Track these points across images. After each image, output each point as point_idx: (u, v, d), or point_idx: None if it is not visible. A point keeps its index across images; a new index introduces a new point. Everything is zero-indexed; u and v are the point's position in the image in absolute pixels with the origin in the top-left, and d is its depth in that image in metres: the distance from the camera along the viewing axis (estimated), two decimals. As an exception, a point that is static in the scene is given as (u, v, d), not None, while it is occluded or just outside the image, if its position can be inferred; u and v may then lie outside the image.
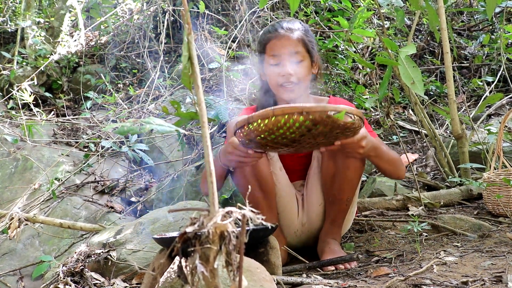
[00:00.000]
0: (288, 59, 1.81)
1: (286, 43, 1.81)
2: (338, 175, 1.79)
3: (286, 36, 1.82)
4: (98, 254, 2.02)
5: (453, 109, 2.51)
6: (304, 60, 1.82)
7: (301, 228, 1.92)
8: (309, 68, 1.86)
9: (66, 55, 5.18)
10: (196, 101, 0.74)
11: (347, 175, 1.79)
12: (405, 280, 1.48)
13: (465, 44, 4.32)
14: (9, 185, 3.38)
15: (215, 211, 0.71)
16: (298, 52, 1.81)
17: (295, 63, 1.81)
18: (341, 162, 1.76)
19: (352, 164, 1.77)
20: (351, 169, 1.78)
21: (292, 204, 1.91)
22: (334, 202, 1.84)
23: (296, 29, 1.85)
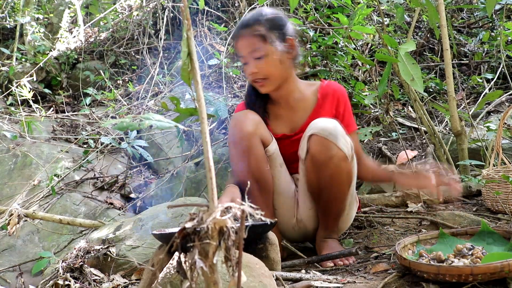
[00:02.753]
0: (250, 58, 1.80)
1: (245, 43, 1.80)
2: (324, 192, 1.77)
3: (244, 35, 1.80)
4: (97, 250, 2.02)
5: (453, 106, 2.51)
6: (266, 54, 1.77)
7: (298, 224, 1.92)
8: (276, 59, 1.79)
9: (65, 52, 5.17)
10: (196, 97, 0.75)
11: (332, 191, 1.76)
12: (403, 277, 1.48)
13: (464, 41, 4.32)
14: (9, 181, 3.39)
15: (214, 206, 0.71)
16: (257, 49, 1.77)
17: (257, 61, 1.79)
18: (325, 179, 1.73)
19: (336, 180, 1.74)
20: (336, 186, 1.75)
21: (290, 201, 1.91)
22: (324, 213, 1.83)
23: (254, 24, 1.79)
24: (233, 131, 1.79)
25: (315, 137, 1.69)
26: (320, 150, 1.68)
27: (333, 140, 1.67)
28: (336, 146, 1.68)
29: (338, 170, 1.72)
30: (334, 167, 1.70)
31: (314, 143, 1.70)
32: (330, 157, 1.68)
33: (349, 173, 1.76)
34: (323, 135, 1.67)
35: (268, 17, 1.80)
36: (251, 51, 1.79)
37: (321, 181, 1.74)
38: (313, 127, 1.71)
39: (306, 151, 1.73)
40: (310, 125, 1.74)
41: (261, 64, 1.79)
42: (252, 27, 1.78)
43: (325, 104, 1.92)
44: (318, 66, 3.66)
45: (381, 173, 2.03)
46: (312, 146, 1.70)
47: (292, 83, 1.92)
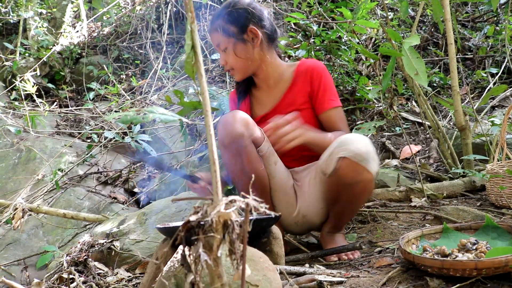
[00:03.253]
0: (219, 50, 1.92)
1: (212, 37, 1.92)
2: (343, 203, 1.77)
3: (211, 30, 1.91)
4: (101, 244, 2.03)
5: (457, 100, 2.50)
6: (228, 47, 1.87)
7: (301, 219, 1.90)
8: (239, 50, 1.86)
9: (68, 46, 5.17)
10: (200, 90, 0.74)
11: (351, 205, 1.78)
12: (407, 271, 1.48)
13: (469, 36, 4.30)
14: (13, 175, 3.40)
15: (219, 200, 0.70)
16: (220, 43, 1.88)
17: (223, 53, 1.90)
18: (348, 195, 1.73)
19: (358, 198, 1.75)
20: (356, 201, 1.77)
21: (290, 197, 1.88)
22: (337, 215, 1.83)
23: (217, 19, 1.88)
24: (223, 133, 1.72)
25: (347, 161, 1.64)
26: (350, 174, 1.65)
27: (365, 165, 1.63)
28: (366, 170, 1.65)
29: (363, 191, 1.72)
30: (360, 188, 1.70)
31: (345, 167, 1.65)
32: (359, 181, 1.67)
33: (371, 190, 1.77)
34: (356, 160, 1.63)
35: (229, 10, 1.87)
36: (216, 44, 1.91)
37: (343, 196, 1.74)
38: (345, 148, 1.64)
39: (333, 170, 1.68)
40: (340, 143, 1.67)
41: (227, 56, 1.89)
42: (215, 22, 1.88)
43: (299, 82, 1.92)
44: (322, 60, 3.65)
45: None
46: (342, 169, 1.65)
47: (269, 67, 1.94)
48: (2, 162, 3.55)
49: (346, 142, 1.66)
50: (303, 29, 4.30)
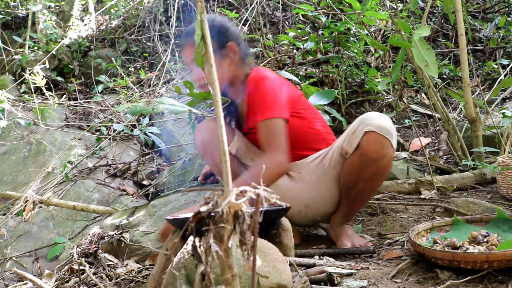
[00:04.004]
0: (192, 66, 1.89)
1: (187, 52, 1.88)
2: (362, 185, 1.76)
3: (185, 45, 1.88)
4: (111, 236, 2.04)
5: (467, 92, 2.48)
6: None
7: (305, 209, 1.88)
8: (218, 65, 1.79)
9: (77, 39, 5.19)
10: (209, 80, 0.74)
11: (370, 185, 1.77)
12: (417, 263, 1.48)
13: (480, 27, 4.25)
14: (23, 168, 3.42)
15: (229, 190, 0.70)
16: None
17: (198, 69, 1.85)
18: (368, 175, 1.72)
19: (379, 176, 1.74)
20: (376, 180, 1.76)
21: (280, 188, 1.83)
22: (351, 202, 1.83)
23: (192, 32, 1.84)
24: (195, 140, 2.00)
25: (373, 134, 1.65)
26: (375, 148, 1.66)
27: (390, 138, 1.66)
28: (391, 145, 1.67)
29: (384, 168, 1.72)
30: (383, 164, 1.70)
31: (371, 140, 1.66)
32: (383, 156, 1.67)
33: (389, 170, 1.77)
34: (382, 133, 1.64)
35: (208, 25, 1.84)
36: (192, 59, 1.82)
37: (363, 176, 1.73)
38: (369, 123, 1.66)
39: (358, 145, 1.69)
40: (363, 120, 1.69)
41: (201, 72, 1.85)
42: (192, 36, 1.83)
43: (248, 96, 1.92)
44: (330, 52, 3.63)
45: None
46: (368, 143, 1.66)
47: (240, 85, 1.94)
48: (12, 155, 3.58)
49: (369, 117, 1.69)
50: (312, 20, 4.27)
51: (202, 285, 0.72)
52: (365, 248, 1.69)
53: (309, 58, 3.66)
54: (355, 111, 3.53)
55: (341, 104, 3.35)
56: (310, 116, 1.95)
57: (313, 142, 1.93)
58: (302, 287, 1.24)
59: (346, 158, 1.75)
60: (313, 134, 1.93)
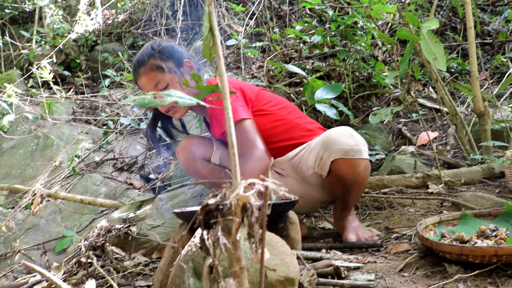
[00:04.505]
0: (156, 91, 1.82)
1: (145, 80, 1.84)
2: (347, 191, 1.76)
3: (143, 73, 1.84)
4: (118, 229, 2.05)
5: (476, 86, 2.46)
6: (169, 83, 1.83)
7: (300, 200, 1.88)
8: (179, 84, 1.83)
9: (83, 34, 5.19)
10: (218, 72, 0.74)
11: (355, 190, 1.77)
12: (425, 257, 1.47)
13: (488, 20, 4.21)
14: (31, 162, 3.44)
15: (237, 183, 0.70)
16: (160, 81, 1.82)
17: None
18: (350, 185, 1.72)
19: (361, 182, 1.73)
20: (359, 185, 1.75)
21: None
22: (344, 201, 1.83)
23: (149, 59, 1.83)
24: (178, 160, 2.06)
25: (340, 161, 1.65)
26: (348, 171, 1.66)
27: (359, 157, 1.64)
28: (361, 160, 1.66)
29: (364, 176, 1.72)
30: (361, 177, 1.70)
31: (340, 167, 1.66)
32: (359, 173, 1.67)
33: (369, 169, 1.75)
34: (349, 157, 1.64)
35: (159, 48, 1.85)
36: (155, 84, 1.83)
37: (346, 186, 1.74)
38: (333, 150, 1.65)
39: (329, 172, 1.70)
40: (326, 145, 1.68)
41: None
42: (147, 63, 1.83)
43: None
44: (337, 46, 3.60)
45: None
46: (339, 169, 1.67)
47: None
48: (20, 149, 3.60)
49: (332, 141, 1.66)
50: (319, 14, 4.25)
51: (210, 277, 0.72)
52: (372, 242, 1.69)
53: (316, 52, 3.64)
54: (362, 105, 3.51)
55: (348, 98, 3.33)
56: (275, 108, 1.92)
57: (285, 132, 1.92)
58: (310, 280, 1.24)
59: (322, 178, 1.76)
60: (282, 125, 1.91)
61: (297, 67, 2.72)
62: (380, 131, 3.18)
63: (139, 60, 1.86)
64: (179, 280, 1.08)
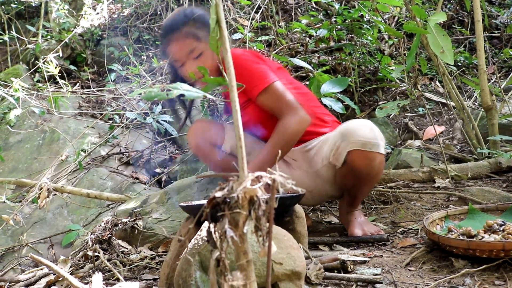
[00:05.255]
0: (188, 59, 1.79)
1: (179, 46, 1.79)
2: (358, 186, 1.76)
3: (176, 39, 1.79)
4: (124, 223, 2.06)
5: (483, 79, 2.44)
6: (203, 51, 1.78)
7: (308, 194, 1.88)
8: (211, 53, 1.79)
9: (89, 28, 5.19)
10: (225, 65, 0.73)
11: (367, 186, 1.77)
12: (432, 252, 1.47)
13: (496, 13, 4.17)
14: (38, 156, 3.46)
15: (245, 176, 0.70)
16: (193, 49, 1.78)
17: (196, 60, 1.79)
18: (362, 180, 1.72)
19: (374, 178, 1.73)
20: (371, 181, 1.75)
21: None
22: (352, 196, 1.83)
23: (183, 26, 1.78)
24: (189, 144, 1.99)
25: (357, 152, 1.64)
26: (363, 163, 1.65)
27: (376, 150, 1.63)
28: (378, 154, 1.65)
29: (378, 171, 1.71)
30: (374, 172, 1.70)
31: (356, 159, 1.65)
32: (372, 167, 1.67)
33: (384, 164, 1.75)
34: (366, 149, 1.62)
35: (194, 16, 1.80)
36: (188, 52, 1.78)
37: (358, 181, 1.73)
38: (352, 140, 1.64)
39: (344, 163, 1.69)
40: (344, 135, 1.66)
41: (200, 62, 1.79)
42: (181, 30, 1.78)
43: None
44: (343, 40, 3.59)
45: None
46: (354, 161, 1.65)
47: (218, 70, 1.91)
48: (27, 143, 3.62)
49: (350, 132, 1.64)
50: (325, 8, 4.23)
51: (217, 270, 0.72)
52: (378, 236, 1.69)
53: (322, 46, 3.62)
54: (368, 99, 3.50)
55: (354, 92, 3.32)
56: (295, 92, 1.84)
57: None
58: (317, 274, 1.24)
59: (336, 169, 1.75)
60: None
61: (303, 61, 2.70)
62: (386, 125, 3.17)
63: (172, 26, 1.80)
64: (185, 274, 1.08)
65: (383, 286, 1.25)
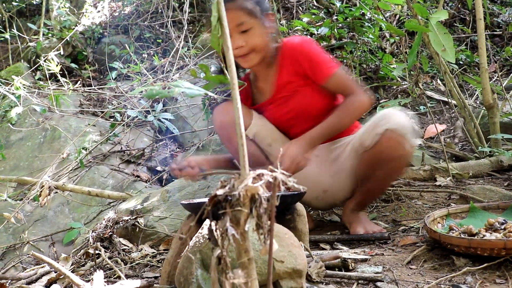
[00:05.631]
0: (235, 31, 1.78)
1: (230, 17, 1.73)
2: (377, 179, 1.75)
3: (229, 9, 1.74)
4: (126, 221, 2.06)
5: (485, 78, 2.43)
6: (252, 27, 1.77)
7: (323, 194, 1.88)
8: (261, 32, 1.80)
9: (90, 26, 5.20)
10: (226, 63, 0.73)
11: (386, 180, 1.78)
12: (433, 250, 1.47)
13: (498, 11, 4.16)
14: (39, 154, 3.46)
15: (246, 173, 0.70)
16: (243, 23, 1.77)
17: (243, 34, 1.78)
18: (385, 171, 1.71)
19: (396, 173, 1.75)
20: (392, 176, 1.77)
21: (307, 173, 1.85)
22: (366, 192, 1.82)
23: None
24: (214, 122, 1.94)
25: (391, 133, 1.64)
26: (394, 146, 1.65)
27: (408, 138, 1.65)
28: (409, 143, 1.66)
29: (402, 165, 1.72)
30: (399, 164, 1.70)
31: (389, 139, 1.65)
32: (401, 155, 1.67)
33: (405, 168, 1.76)
34: (401, 133, 1.64)
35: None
36: (238, 24, 1.77)
37: (379, 172, 1.72)
38: (389, 121, 1.65)
39: (376, 142, 1.68)
40: (384, 116, 1.69)
41: (248, 38, 1.79)
42: (236, 0, 1.78)
43: (287, 65, 1.88)
44: (345, 38, 3.58)
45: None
46: (386, 141, 1.65)
47: (270, 57, 1.90)
48: (28, 141, 3.62)
49: (389, 115, 1.68)
50: (326, 6, 4.22)
51: (218, 268, 0.72)
52: (379, 234, 1.68)
53: (323, 44, 3.62)
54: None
55: (355, 91, 3.31)
56: None
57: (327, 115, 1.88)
58: (318, 272, 1.24)
59: (363, 152, 1.75)
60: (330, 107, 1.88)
61: (304, 59, 2.69)
62: (387, 123, 3.16)
63: None
64: (186, 272, 1.08)
65: (384, 284, 1.25)
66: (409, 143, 1.65)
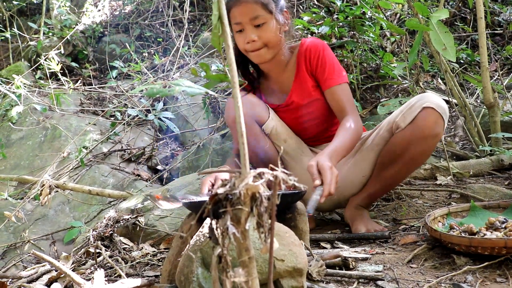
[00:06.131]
0: (249, 25, 1.77)
1: (245, 10, 1.76)
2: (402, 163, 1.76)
3: (244, 2, 1.77)
4: (126, 220, 2.06)
5: (486, 76, 2.43)
6: (266, 22, 1.77)
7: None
8: (275, 28, 1.79)
9: (91, 25, 5.20)
10: (227, 61, 0.73)
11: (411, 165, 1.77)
12: (433, 249, 1.47)
13: (499, 10, 4.16)
14: (39, 153, 3.46)
15: (247, 172, 0.70)
16: (258, 17, 1.76)
17: (257, 28, 1.77)
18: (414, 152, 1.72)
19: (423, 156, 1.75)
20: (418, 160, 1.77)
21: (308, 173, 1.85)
22: (381, 183, 1.82)
23: None
24: (227, 114, 1.87)
25: (430, 111, 1.66)
26: (430, 124, 1.67)
27: (444, 119, 1.68)
28: (443, 125, 1.68)
29: (431, 148, 1.72)
30: (431, 143, 1.71)
31: (427, 116, 1.67)
32: (436, 134, 1.68)
33: (430, 153, 1.77)
34: (439, 111, 1.66)
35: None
36: (252, 18, 1.76)
37: (406, 155, 1.73)
38: (429, 100, 1.68)
39: (413, 119, 1.70)
40: (422, 97, 1.71)
41: (262, 32, 1.78)
42: None
43: (302, 66, 1.88)
44: (345, 37, 3.58)
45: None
46: (424, 118, 1.67)
47: (283, 56, 1.90)
48: (29, 140, 3.62)
49: (427, 96, 1.71)
50: (326, 5, 4.22)
51: (219, 267, 0.72)
52: (380, 233, 1.68)
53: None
54: (370, 96, 3.49)
55: (356, 89, 3.32)
56: None
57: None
58: (319, 271, 1.24)
59: (395, 133, 1.76)
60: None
61: (305, 58, 2.69)
62: (388, 122, 3.16)
63: None
64: (187, 270, 1.08)
65: (385, 283, 1.25)
66: (443, 124, 1.68)
